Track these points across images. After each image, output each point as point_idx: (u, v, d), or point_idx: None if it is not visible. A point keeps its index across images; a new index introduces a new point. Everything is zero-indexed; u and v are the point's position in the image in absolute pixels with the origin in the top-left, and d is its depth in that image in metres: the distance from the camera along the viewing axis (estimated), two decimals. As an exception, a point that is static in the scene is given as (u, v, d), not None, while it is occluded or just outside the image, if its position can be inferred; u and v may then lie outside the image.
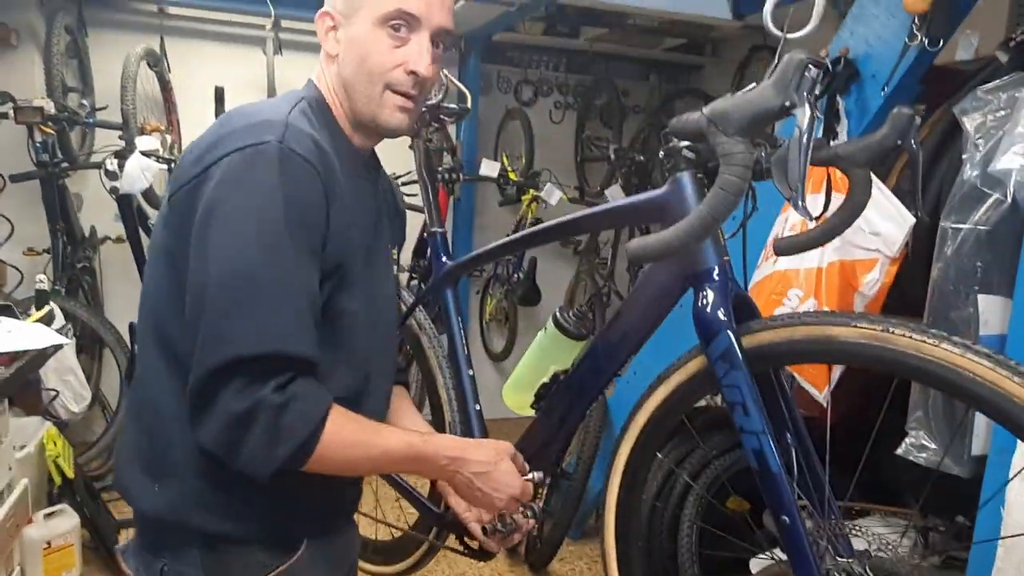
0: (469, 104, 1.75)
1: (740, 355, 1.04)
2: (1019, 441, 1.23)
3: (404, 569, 1.74)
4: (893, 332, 0.93)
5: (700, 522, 2.02)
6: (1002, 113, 1.41)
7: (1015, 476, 1.24)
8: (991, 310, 1.41)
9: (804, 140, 0.88)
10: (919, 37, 1.55)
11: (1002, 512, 1.25)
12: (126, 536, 2.68)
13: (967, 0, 1.59)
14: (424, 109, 1.65)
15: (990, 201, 1.40)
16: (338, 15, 1.00)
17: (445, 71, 1.71)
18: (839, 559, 1.07)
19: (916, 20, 1.57)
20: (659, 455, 1.34)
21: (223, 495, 0.94)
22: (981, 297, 1.42)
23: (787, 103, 0.88)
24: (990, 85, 1.46)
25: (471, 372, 1.57)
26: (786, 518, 1.00)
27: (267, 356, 0.83)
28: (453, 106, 1.70)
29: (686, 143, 1.07)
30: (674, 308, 1.18)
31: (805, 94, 0.88)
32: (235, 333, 0.83)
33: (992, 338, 1.41)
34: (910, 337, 0.92)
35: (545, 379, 1.42)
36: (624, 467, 1.25)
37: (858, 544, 1.14)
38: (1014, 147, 1.34)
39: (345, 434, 0.90)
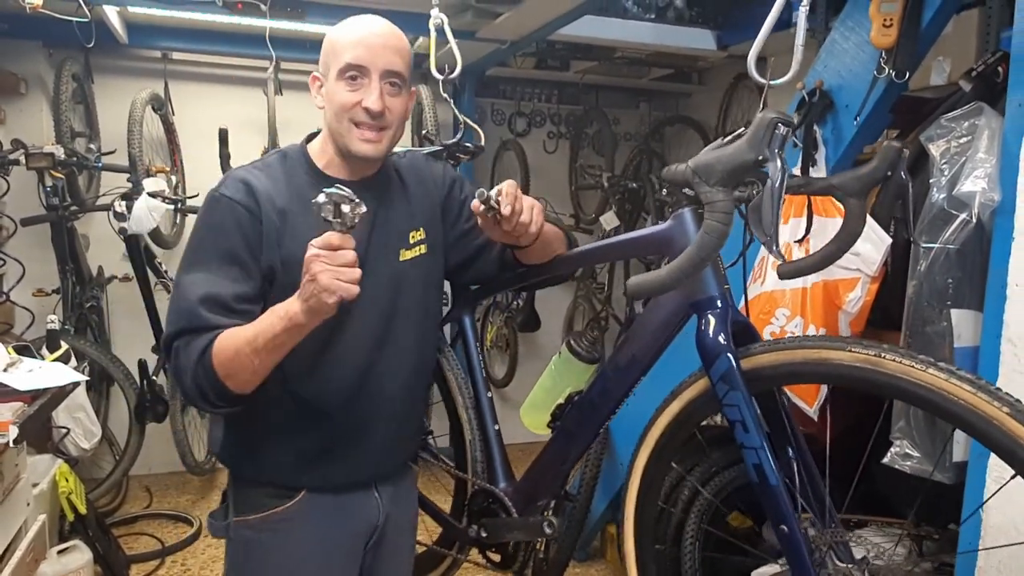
0: (483, 142, 1.88)
1: (739, 377, 1.12)
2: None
3: None
4: (885, 357, 1.02)
5: (706, 525, 2.08)
6: (964, 139, 1.50)
7: (999, 490, 1.29)
8: (964, 324, 1.49)
9: (776, 190, 0.98)
10: (887, 70, 1.65)
11: (981, 515, 1.31)
12: (137, 571, 2.73)
13: (930, 36, 1.69)
14: (442, 148, 1.79)
15: (957, 221, 1.48)
16: (321, 76, 1.29)
17: (460, 113, 1.83)
18: (839, 564, 1.14)
19: (883, 54, 1.67)
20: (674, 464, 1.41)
21: (241, 444, 1.31)
22: (954, 312, 1.49)
23: (760, 157, 0.99)
24: (953, 113, 1.55)
25: (489, 394, 1.64)
26: (785, 527, 1.09)
27: (178, 331, 1.19)
28: (468, 144, 1.82)
29: None
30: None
31: (776, 150, 0.99)
32: (168, 321, 1.22)
33: (966, 350, 1.48)
34: (900, 362, 1.01)
35: (560, 400, 1.52)
36: (641, 475, 1.34)
37: (858, 552, 1.20)
38: (976, 171, 1.43)
39: (225, 342, 1.15)
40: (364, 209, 1.07)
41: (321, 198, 1.04)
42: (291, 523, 1.28)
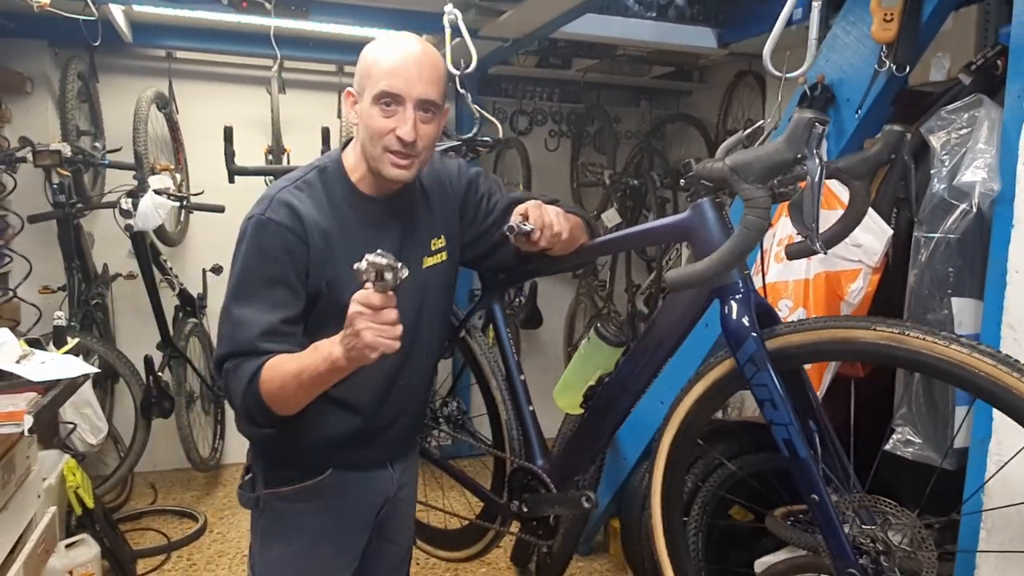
0: (500, 135, 1.91)
1: (766, 358, 1.17)
2: (994, 432, 1.34)
3: (474, 553, 1.91)
4: (908, 334, 1.07)
5: (722, 491, 2.14)
6: (964, 131, 1.52)
7: (1010, 460, 1.32)
8: (964, 311, 1.51)
9: (816, 185, 1.03)
10: (887, 64, 1.68)
11: (983, 499, 1.34)
12: (144, 566, 2.75)
13: (930, 31, 1.72)
14: (460, 143, 1.83)
15: (958, 211, 1.51)
16: (356, 94, 1.31)
17: (478, 107, 1.87)
18: (864, 527, 1.19)
19: (884, 48, 1.70)
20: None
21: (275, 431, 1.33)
22: (955, 300, 1.52)
23: (799, 155, 1.05)
24: (953, 106, 1.58)
25: (522, 377, 1.70)
26: (815, 496, 1.14)
27: (228, 353, 1.24)
28: (488, 138, 1.86)
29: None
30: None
31: (814, 148, 1.03)
32: (219, 343, 1.27)
33: (967, 337, 1.50)
34: (924, 339, 1.06)
35: (592, 382, 1.59)
36: (668, 453, 1.39)
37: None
38: (976, 162, 1.45)
39: (272, 371, 1.19)
40: (406, 274, 1.06)
41: (363, 265, 1.05)
42: (317, 495, 1.39)
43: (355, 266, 1.05)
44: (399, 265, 1.05)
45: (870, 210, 1.71)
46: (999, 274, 1.37)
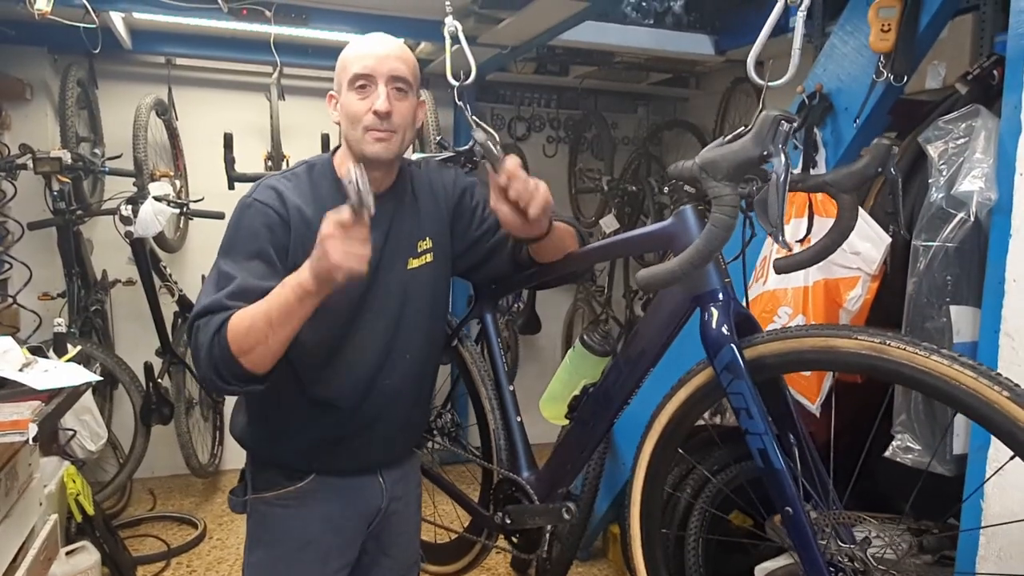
0: (499, 146, 1.91)
1: (742, 366, 1.16)
2: (992, 439, 1.34)
3: (461, 568, 1.90)
4: (890, 344, 1.05)
5: (713, 509, 2.14)
6: (961, 141, 1.54)
7: (1000, 469, 1.33)
8: (962, 319, 1.52)
9: (780, 184, 1.02)
10: (885, 73, 1.70)
11: (982, 505, 1.35)
12: (144, 572, 2.75)
13: (927, 41, 1.74)
14: (456, 154, 1.84)
15: (955, 220, 1.52)
16: (336, 93, 1.38)
17: (475, 117, 1.88)
18: (842, 545, 1.18)
19: (882, 58, 1.72)
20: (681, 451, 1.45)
21: (260, 430, 1.43)
22: (953, 308, 1.53)
23: (765, 152, 1.04)
24: (950, 116, 1.59)
25: (511, 388, 1.70)
26: (789, 509, 1.12)
27: (200, 311, 1.25)
28: None
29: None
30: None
31: (780, 145, 1.03)
32: (197, 302, 1.28)
33: (965, 345, 1.52)
34: (904, 349, 1.04)
35: (576, 392, 1.58)
36: (648, 461, 1.38)
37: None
38: (973, 171, 1.47)
39: (240, 316, 1.20)
40: (372, 199, 1.11)
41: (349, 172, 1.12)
42: (301, 500, 1.41)
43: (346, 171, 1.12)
44: (368, 184, 1.10)
45: (868, 218, 1.73)
46: (996, 282, 1.38)
